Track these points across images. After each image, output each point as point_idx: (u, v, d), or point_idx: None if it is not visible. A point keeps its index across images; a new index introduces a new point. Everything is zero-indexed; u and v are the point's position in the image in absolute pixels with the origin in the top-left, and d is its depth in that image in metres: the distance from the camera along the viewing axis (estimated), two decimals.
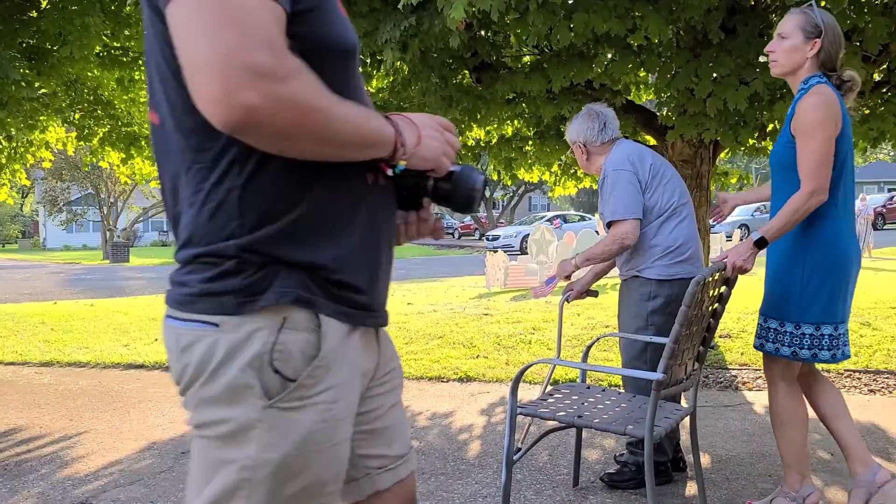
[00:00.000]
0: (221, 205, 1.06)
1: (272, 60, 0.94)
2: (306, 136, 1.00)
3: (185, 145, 1.08)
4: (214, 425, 1.08)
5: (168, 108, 1.08)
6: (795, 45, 2.49)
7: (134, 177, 8.98)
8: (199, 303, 1.07)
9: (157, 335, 7.33)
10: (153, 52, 1.09)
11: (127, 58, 6.79)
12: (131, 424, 4.25)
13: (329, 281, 1.11)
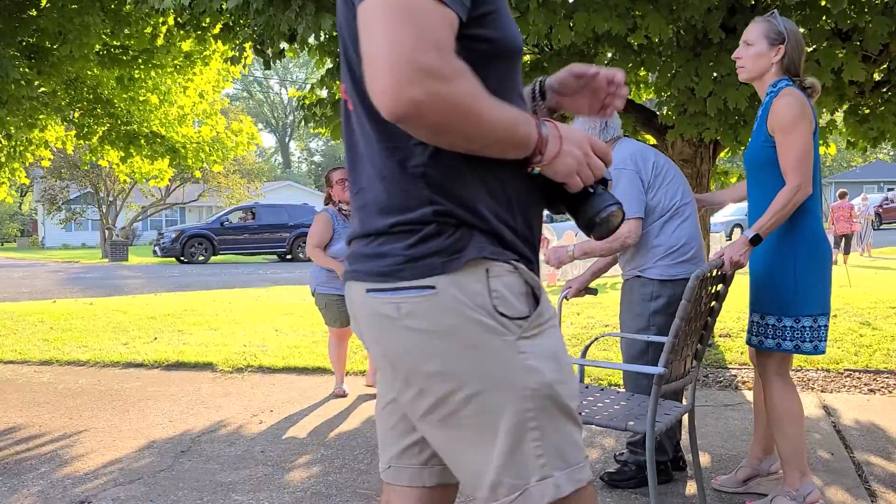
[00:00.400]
0: (413, 178, 1.17)
1: (439, 61, 1.05)
2: (456, 132, 1.10)
3: (374, 128, 1.20)
4: (471, 382, 1.17)
5: (358, 94, 1.21)
6: (760, 51, 2.62)
7: (133, 175, 8.97)
8: (408, 269, 1.17)
9: (156, 334, 7.32)
10: (348, 42, 1.22)
11: (126, 56, 6.79)
12: (130, 423, 4.25)
13: (497, 234, 1.21)
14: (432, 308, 1.16)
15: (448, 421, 1.21)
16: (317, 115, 5.77)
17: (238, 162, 33.35)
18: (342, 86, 1.30)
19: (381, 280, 1.19)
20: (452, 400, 1.19)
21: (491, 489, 1.21)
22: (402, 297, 1.17)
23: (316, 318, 8.13)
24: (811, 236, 2.62)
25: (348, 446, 3.75)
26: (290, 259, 23.15)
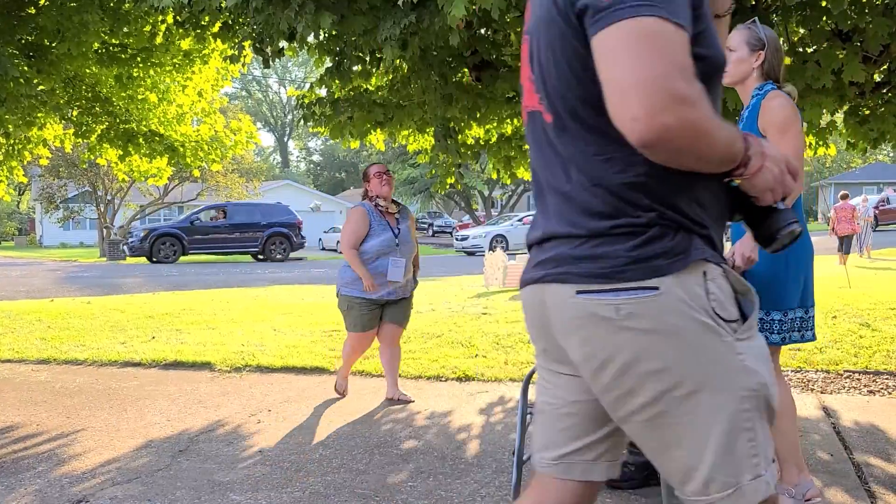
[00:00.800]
0: (633, 186, 1.22)
1: (687, 87, 1.10)
2: (692, 154, 1.15)
3: (590, 139, 1.25)
4: (689, 381, 1.21)
5: (568, 108, 1.26)
6: (742, 57, 2.73)
7: (132, 174, 8.94)
8: (631, 270, 1.20)
9: (154, 333, 7.30)
10: (558, 60, 1.26)
11: (125, 55, 6.76)
12: (128, 422, 4.24)
13: (710, 238, 1.28)
14: (656, 308, 1.19)
15: (659, 419, 1.24)
16: (315, 114, 5.75)
17: (236, 161, 33.32)
18: (533, 97, 1.35)
19: (600, 282, 1.22)
20: (667, 398, 1.22)
21: (703, 485, 1.25)
22: (623, 298, 1.20)
23: (314, 318, 8.12)
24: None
25: (346, 446, 3.74)
26: (264, 259, 22.79)
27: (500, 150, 6.62)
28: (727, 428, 1.22)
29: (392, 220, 4.60)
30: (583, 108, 1.25)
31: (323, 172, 66.68)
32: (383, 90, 5.90)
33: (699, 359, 1.21)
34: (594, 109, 1.22)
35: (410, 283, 4.71)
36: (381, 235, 4.50)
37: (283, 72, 67.71)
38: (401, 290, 4.61)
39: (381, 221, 4.54)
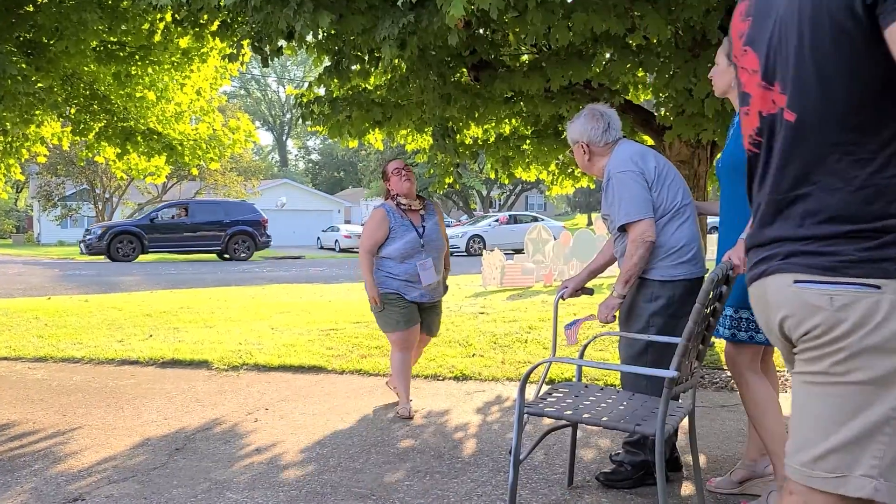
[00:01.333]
0: (882, 190, 1.23)
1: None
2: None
3: (837, 140, 1.26)
4: (867, 370, 1.24)
5: (819, 106, 1.27)
6: (722, 69, 2.83)
7: (130, 172, 8.94)
8: (856, 268, 1.24)
9: (152, 331, 7.30)
10: (825, 56, 1.24)
11: (123, 53, 6.76)
12: (125, 420, 4.24)
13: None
14: (867, 305, 1.23)
15: (831, 389, 1.29)
16: (314, 113, 5.75)
17: (235, 160, 33.32)
18: (780, 97, 1.34)
19: (821, 273, 1.27)
20: (852, 376, 1.26)
21: (813, 459, 1.31)
22: (840, 290, 1.25)
23: (312, 317, 8.12)
24: None
25: (343, 445, 3.74)
26: (229, 258, 22.29)
27: (498, 149, 6.63)
28: (874, 422, 1.25)
29: (416, 219, 4.31)
30: (841, 105, 1.25)
31: (321, 171, 66.66)
32: (382, 89, 5.90)
33: (885, 356, 1.24)
34: (857, 108, 1.23)
35: (441, 286, 4.43)
36: (405, 237, 4.23)
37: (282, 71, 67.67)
38: (431, 293, 4.32)
39: (402, 222, 4.25)
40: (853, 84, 1.23)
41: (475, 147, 6.74)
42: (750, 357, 2.82)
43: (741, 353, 2.83)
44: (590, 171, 3.25)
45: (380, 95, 5.80)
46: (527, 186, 38.52)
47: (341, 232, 31.91)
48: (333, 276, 16.07)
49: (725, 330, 2.83)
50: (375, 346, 6.29)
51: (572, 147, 3.24)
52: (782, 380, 4.94)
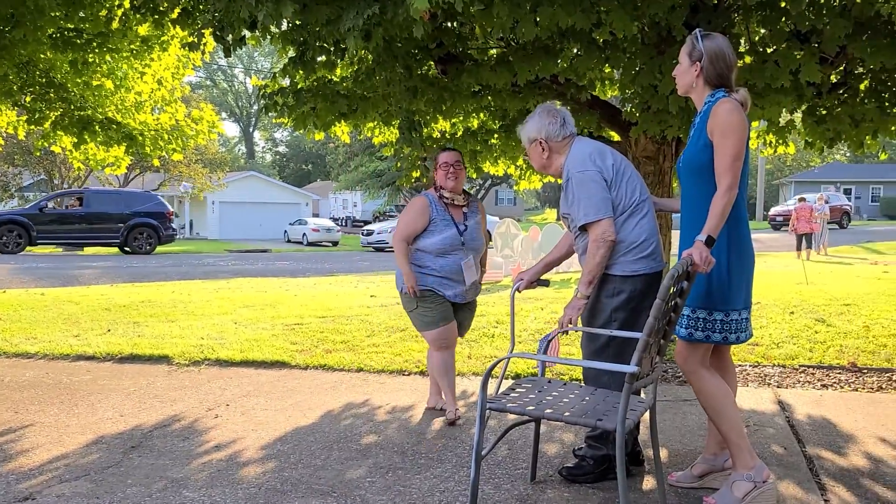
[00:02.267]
0: None
1: None
2: None
3: None
4: None
5: None
6: (684, 68, 2.89)
7: (88, 162, 8.72)
8: None
9: (110, 325, 7.14)
10: None
11: (80, 40, 6.57)
12: (79, 418, 4.13)
13: None
14: None
15: None
16: (278, 104, 5.66)
17: (200, 151, 32.81)
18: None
19: None
20: None
21: None
22: None
23: (276, 312, 8.02)
24: (739, 238, 2.82)
25: (305, 441, 3.69)
26: (129, 252, 21.24)
27: (465, 143, 6.59)
28: None
29: (458, 215, 4.04)
30: None
31: (289, 164, 66.04)
32: (348, 81, 5.83)
33: None
34: None
35: (477, 286, 4.17)
36: (444, 232, 3.96)
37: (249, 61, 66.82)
38: (466, 293, 4.07)
39: (444, 216, 3.99)
40: None
41: (443, 141, 6.69)
42: (702, 354, 2.88)
43: (694, 351, 2.87)
44: (547, 171, 3.22)
45: (346, 87, 5.72)
46: (496, 181, 38.59)
47: (309, 225, 31.65)
48: (300, 270, 15.91)
49: (682, 329, 2.87)
50: (341, 341, 6.24)
51: (528, 147, 3.21)
52: (742, 375, 5.00)
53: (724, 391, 2.84)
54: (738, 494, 2.76)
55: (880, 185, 44.28)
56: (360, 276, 14.17)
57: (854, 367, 5.10)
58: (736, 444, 2.80)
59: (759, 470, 2.80)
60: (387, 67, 5.15)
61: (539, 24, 4.13)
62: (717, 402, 2.81)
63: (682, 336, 2.87)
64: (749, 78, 4.46)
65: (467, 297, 4.09)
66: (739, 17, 4.83)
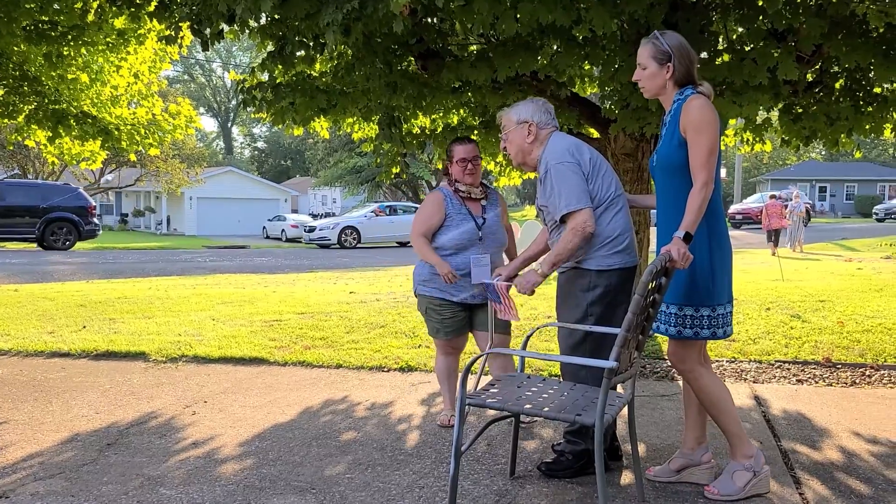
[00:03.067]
0: None
1: None
2: None
3: None
4: None
5: None
6: (653, 72, 2.87)
7: (63, 157, 8.59)
8: None
9: (86, 322, 7.05)
10: None
11: (55, 32, 6.46)
12: (53, 415, 4.07)
13: None
14: None
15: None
16: (257, 99, 5.61)
17: (177, 146, 32.49)
18: None
19: None
20: None
21: None
22: None
23: (255, 308, 7.97)
24: (719, 233, 2.84)
25: (283, 438, 3.67)
26: (46, 247, 20.20)
27: (445, 139, 6.58)
28: None
29: (476, 208, 3.85)
30: None
31: (268, 159, 65.57)
32: (327, 76, 5.79)
33: None
34: None
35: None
36: (461, 226, 3.78)
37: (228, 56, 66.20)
38: (480, 295, 3.82)
39: (460, 209, 3.81)
40: None
41: (422, 137, 6.68)
42: (697, 352, 2.91)
43: (690, 349, 2.89)
44: (525, 158, 3.20)
45: (325, 82, 5.68)
46: None
47: (288, 221, 31.47)
48: (279, 267, 15.82)
49: (671, 328, 2.88)
50: (320, 338, 6.21)
51: (514, 129, 3.18)
52: (720, 370, 5.06)
53: (721, 386, 2.89)
54: (740, 484, 2.84)
55: (854, 184, 44.97)
56: (339, 272, 14.12)
57: (829, 362, 5.17)
58: (736, 435, 2.88)
59: (757, 458, 2.88)
60: (366, 63, 5.12)
61: (519, 21, 4.13)
62: (717, 399, 2.87)
63: (672, 335, 2.89)
64: (727, 75, 4.50)
65: (480, 297, 3.81)
66: (717, 16, 4.87)
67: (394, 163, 6.64)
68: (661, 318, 2.91)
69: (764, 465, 2.90)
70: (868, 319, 6.64)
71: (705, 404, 2.91)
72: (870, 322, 6.50)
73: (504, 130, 3.23)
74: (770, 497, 2.89)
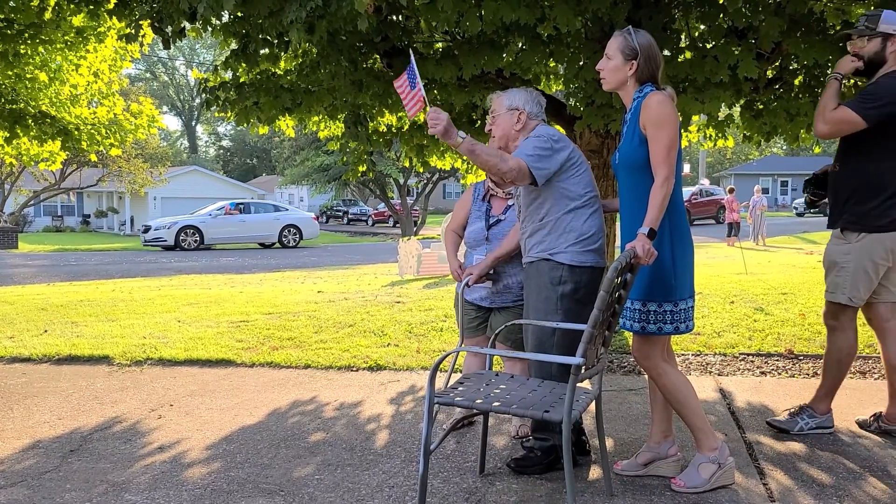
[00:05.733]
0: None
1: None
2: None
3: None
4: None
5: None
6: (617, 65, 2.87)
7: (21, 158, 8.39)
8: None
9: (47, 326, 6.90)
10: None
11: (11, 31, 6.30)
12: (14, 422, 3.98)
13: None
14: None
15: None
16: (220, 98, 5.55)
17: (140, 146, 31.95)
18: None
19: None
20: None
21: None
22: None
23: (221, 309, 7.88)
24: (679, 228, 2.87)
25: (251, 440, 3.64)
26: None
27: (412, 137, 6.58)
28: None
29: (497, 207, 3.71)
30: None
31: (233, 158, 64.84)
32: (292, 75, 5.75)
33: None
34: None
35: (512, 286, 3.59)
36: (473, 224, 3.71)
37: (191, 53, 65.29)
38: (493, 296, 3.64)
39: (480, 206, 3.74)
40: None
41: (389, 135, 6.66)
42: (661, 348, 2.94)
43: (654, 345, 2.93)
44: (507, 145, 3.16)
45: (289, 81, 5.64)
46: (443, 175, 38.57)
47: None
48: (246, 266, 15.66)
49: (635, 324, 2.91)
50: (287, 338, 6.16)
51: (503, 113, 3.17)
52: (685, 364, 5.13)
53: (685, 381, 2.93)
54: (705, 476, 2.89)
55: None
56: (307, 271, 14.03)
57: (791, 354, 5.28)
58: (700, 429, 2.92)
59: (722, 451, 2.92)
60: (331, 61, 5.10)
61: (483, 19, 4.15)
62: (681, 394, 2.90)
63: (636, 330, 2.91)
64: (689, 73, 4.56)
65: (495, 300, 3.64)
66: (679, 13, 4.94)
67: (360, 161, 6.61)
68: (626, 314, 2.94)
69: (728, 457, 2.95)
70: None
71: (669, 400, 2.96)
72: None
73: (493, 113, 3.23)
74: (735, 488, 2.94)
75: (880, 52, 3.27)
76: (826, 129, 3.31)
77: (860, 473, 3.10)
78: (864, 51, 3.32)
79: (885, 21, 3.25)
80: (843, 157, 3.43)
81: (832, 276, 3.44)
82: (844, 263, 3.37)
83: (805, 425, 3.57)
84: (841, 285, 3.39)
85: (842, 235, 3.40)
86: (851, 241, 3.36)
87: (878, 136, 3.24)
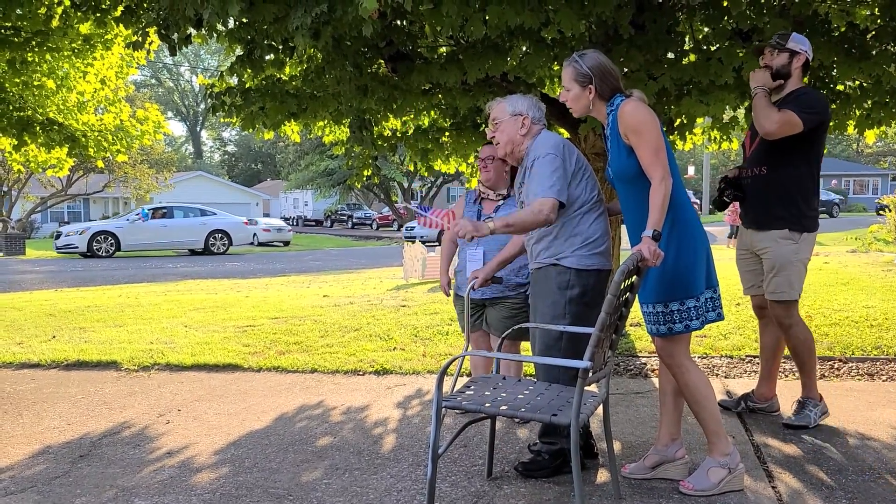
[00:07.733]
0: None
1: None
2: None
3: None
4: None
5: None
6: (577, 94, 2.96)
7: (28, 165, 8.44)
8: None
9: (55, 332, 6.93)
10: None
11: (19, 38, 6.35)
12: (24, 427, 4.00)
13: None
14: None
15: None
16: (226, 104, 5.57)
17: (146, 151, 32.08)
18: None
19: None
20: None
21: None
22: None
23: (228, 314, 7.90)
24: (683, 222, 2.88)
25: (259, 445, 3.65)
26: None
27: (416, 142, 6.59)
28: None
29: (488, 208, 3.95)
30: None
31: (238, 163, 65.04)
32: (297, 80, 5.77)
33: None
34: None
35: (508, 278, 3.81)
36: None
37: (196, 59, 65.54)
38: (485, 289, 3.84)
39: (472, 209, 3.97)
40: None
41: (394, 139, 6.68)
42: (685, 345, 2.96)
43: (678, 343, 2.94)
44: (512, 150, 3.16)
45: (295, 86, 5.66)
46: (448, 178, 38.64)
47: (260, 225, 31.20)
48: (251, 271, 15.70)
49: (661, 327, 2.92)
50: (294, 343, 6.18)
51: (507, 119, 3.16)
52: None
53: (706, 382, 2.94)
54: (714, 480, 2.89)
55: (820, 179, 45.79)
56: (312, 275, 14.05)
57: None
58: (714, 432, 2.93)
59: (733, 456, 2.93)
60: (336, 66, 5.11)
61: (488, 23, 4.15)
62: (700, 394, 2.91)
63: (661, 333, 2.92)
64: (694, 75, 4.56)
65: (498, 289, 3.85)
66: (684, 16, 4.95)
67: (365, 165, 6.63)
68: (649, 320, 2.95)
69: (739, 462, 2.95)
70: (835, 313, 6.77)
71: (687, 399, 2.95)
72: (837, 315, 6.63)
73: (495, 120, 3.22)
74: (744, 492, 2.94)
75: (787, 65, 3.62)
76: (775, 128, 3.49)
77: (869, 475, 3.09)
78: (774, 62, 3.64)
79: (793, 40, 3.62)
80: (769, 161, 3.66)
81: (783, 276, 3.62)
82: (796, 262, 3.61)
83: (815, 417, 3.70)
84: (794, 283, 3.62)
85: (790, 236, 3.60)
86: (798, 241, 3.61)
87: (799, 142, 3.53)
